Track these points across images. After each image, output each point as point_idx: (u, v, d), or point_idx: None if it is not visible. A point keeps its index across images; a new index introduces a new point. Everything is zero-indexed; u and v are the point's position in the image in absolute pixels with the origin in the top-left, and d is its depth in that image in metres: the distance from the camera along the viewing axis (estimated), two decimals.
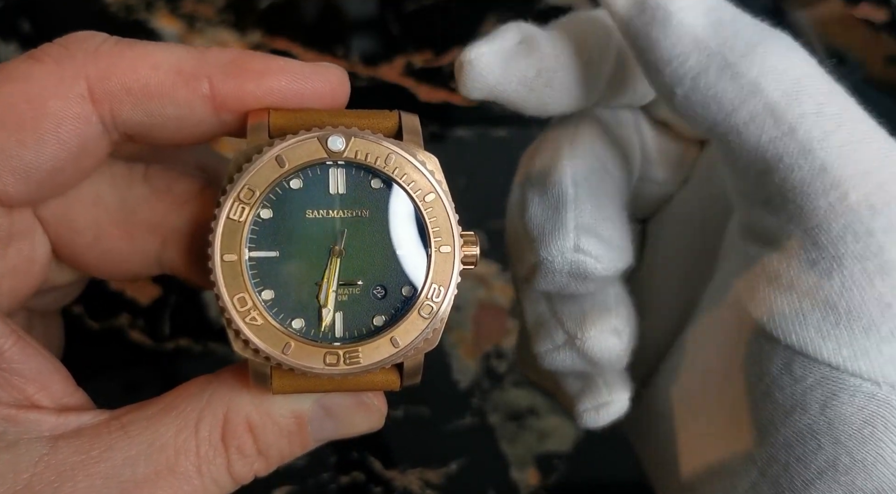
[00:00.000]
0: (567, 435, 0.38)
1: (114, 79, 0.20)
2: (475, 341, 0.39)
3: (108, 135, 0.21)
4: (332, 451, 0.37)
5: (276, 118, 0.21)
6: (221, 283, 0.20)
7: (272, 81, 0.21)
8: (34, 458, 0.20)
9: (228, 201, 0.20)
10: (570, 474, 0.37)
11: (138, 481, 0.20)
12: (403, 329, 0.21)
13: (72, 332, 0.36)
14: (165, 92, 0.21)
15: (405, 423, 0.37)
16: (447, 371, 0.39)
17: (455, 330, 0.39)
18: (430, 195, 0.21)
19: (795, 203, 0.19)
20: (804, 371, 0.19)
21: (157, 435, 0.21)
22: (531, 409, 0.38)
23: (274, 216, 0.21)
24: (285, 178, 0.21)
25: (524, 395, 0.38)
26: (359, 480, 0.36)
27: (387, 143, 0.21)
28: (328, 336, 0.21)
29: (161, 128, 0.21)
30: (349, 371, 0.20)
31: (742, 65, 0.20)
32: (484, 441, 0.37)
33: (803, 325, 0.19)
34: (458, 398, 0.38)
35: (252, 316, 0.20)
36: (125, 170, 0.23)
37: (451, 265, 0.21)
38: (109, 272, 0.24)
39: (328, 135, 0.21)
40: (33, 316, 0.26)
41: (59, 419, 0.21)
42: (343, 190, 0.21)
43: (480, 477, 0.37)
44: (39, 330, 0.26)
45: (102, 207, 0.23)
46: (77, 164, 0.21)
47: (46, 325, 0.27)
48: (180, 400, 0.21)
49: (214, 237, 0.20)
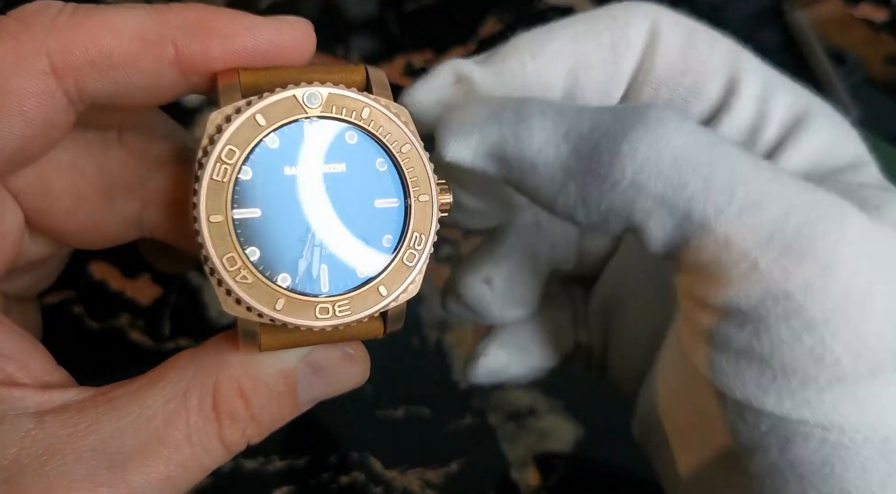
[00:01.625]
0: (567, 435, 0.38)
1: (75, 52, 0.20)
2: (475, 341, 0.39)
3: (74, 106, 0.21)
4: (332, 451, 0.37)
5: (246, 77, 0.21)
6: (209, 244, 0.20)
7: (239, 42, 0.21)
8: (20, 433, 0.20)
9: (210, 162, 0.20)
10: (570, 474, 0.37)
11: (127, 452, 0.20)
12: (389, 278, 0.21)
13: (72, 332, 0.36)
14: (130, 61, 0.20)
15: (405, 423, 0.37)
16: (447, 371, 0.39)
17: (455, 330, 0.39)
18: (406, 146, 0.22)
19: (710, 277, 0.19)
20: (756, 419, 0.19)
21: (145, 407, 0.21)
22: (531, 409, 0.38)
23: (253, 175, 0.21)
24: (263, 136, 0.21)
25: (524, 395, 0.38)
26: (359, 480, 0.36)
27: (361, 97, 0.21)
28: (315, 289, 0.21)
29: (129, 96, 0.21)
30: (340, 322, 0.21)
31: (614, 173, 0.20)
32: (484, 441, 0.37)
33: (743, 382, 0.19)
34: (458, 398, 0.38)
35: (242, 274, 0.20)
36: (98, 136, 0.23)
37: (430, 213, 0.22)
38: (88, 239, 0.24)
39: (305, 92, 0.21)
40: (9, 302, 0.26)
41: (43, 395, 0.21)
42: (320, 145, 0.21)
43: (480, 477, 0.37)
44: (16, 317, 0.26)
45: (79, 172, 0.23)
46: (44, 138, 0.21)
47: (23, 312, 0.27)
48: (168, 372, 0.21)
49: (199, 199, 0.20)
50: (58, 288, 0.36)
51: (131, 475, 0.20)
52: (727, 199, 0.19)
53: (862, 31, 0.46)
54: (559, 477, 0.37)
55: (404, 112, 0.22)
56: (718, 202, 0.19)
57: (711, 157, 0.20)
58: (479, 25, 0.45)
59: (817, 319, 0.18)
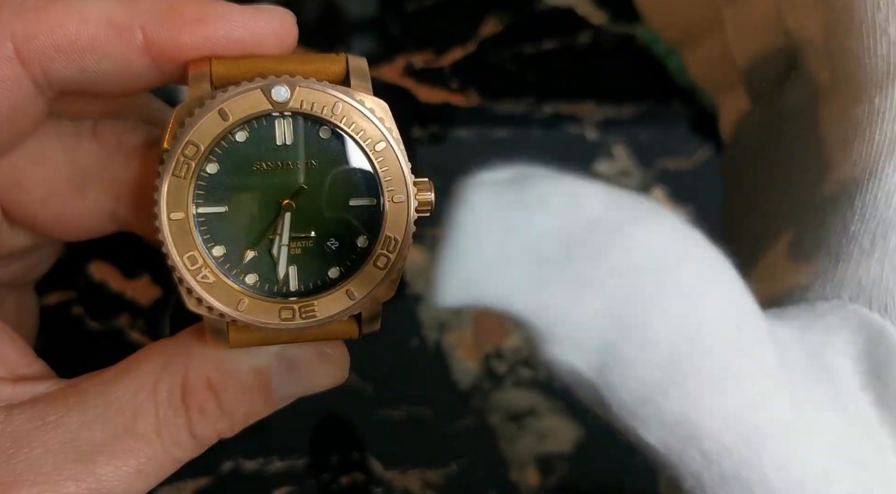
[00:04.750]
0: (567, 436, 0.38)
1: (41, 36, 0.20)
2: (475, 341, 0.39)
3: (43, 94, 0.21)
4: (332, 451, 0.37)
5: (217, 67, 0.21)
6: (170, 242, 0.20)
7: (210, 29, 0.20)
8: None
9: (173, 158, 0.20)
10: (571, 474, 0.37)
11: (96, 445, 0.20)
12: (359, 280, 0.20)
13: (72, 333, 0.36)
14: (98, 46, 0.20)
15: (405, 424, 0.37)
16: (447, 371, 0.39)
17: (455, 330, 0.39)
18: (381, 144, 0.21)
19: (670, 465, 0.18)
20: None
21: (114, 398, 0.20)
22: (531, 410, 0.38)
23: (220, 170, 0.20)
24: (230, 131, 0.20)
25: (524, 396, 0.38)
26: (359, 480, 0.36)
27: (333, 91, 0.20)
28: (283, 290, 0.20)
29: (99, 83, 0.21)
30: (305, 325, 0.20)
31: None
32: (484, 441, 0.37)
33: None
34: (459, 398, 0.38)
35: (203, 274, 0.20)
36: (72, 127, 0.23)
37: (405, 214, 0.21)
38: (65, 231, 0.24)
39: (272, 86, 0.20)
40: (3, 290, 0.26)
41: (13, 388, 0.21)
42: (290, 141, 0.20)
43: (481, 478, 0.37)
44: (11, 305, 0.26)
45: (51, 165, 0.22)
46: (12, 127, 0.21)
47: (18, 299, 0.26)
48: (137, 363, 0.21)
49: (160, 195, 0.20)
50: (58, 288, 0.36)
51: (100, 468, 0.20)
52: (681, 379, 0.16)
53: None
54: (559, 478, 0.37)
55: (381, 106, 0.21)
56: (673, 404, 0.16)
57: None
58: (480, 25, 0.45)
59: (777, 488, 0.17)
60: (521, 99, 0.41)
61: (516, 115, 0.24)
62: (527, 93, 0.41)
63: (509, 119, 0.42)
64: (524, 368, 0.38)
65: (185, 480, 0.33)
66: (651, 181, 0.40)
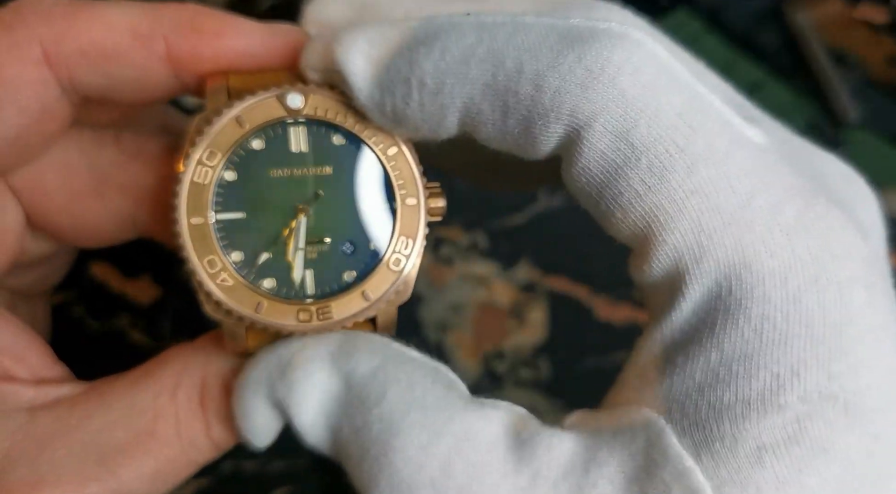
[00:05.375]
0: None
1: (68, 41, 0.20)
2: (475, 341, 0.39)
3: (68, 98, 0.21)
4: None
5: (234, 81, 0.21)
6: (189, 246, 0.20)
7: (229, 43, 0.21)
8: (12, 428, 0.20)
9: (191, 164, 0.20)
10: None
11: (117, 446, 0.20)
12: (374, 282, 0.21)
13: (72, 333, 0.36)
14: (121, 54, 0.21)
15: None
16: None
17: (455, 331, 0.39)
18: (392, 148, 0.21)
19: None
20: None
21: (136, 401, 0.21)
22: (531, 410, 0.38)
23: (238, 177, 0.21)
24: (246, 139, 0.21)
25: (524, 396, 0.38)
26: None
27: (345, 98, 0.21)
28: (300, 293, 0.21)
29: (120, 90, 0.21)
30: (322, 326, 0.21)
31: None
32: None
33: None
34: None
35: (223, 277, 0.20)
36: (94, 135, 0.23)
37: (417, 217, 0.21)
38: (85, 237, 0.24)
39: (286, 93, 0.21)
40: (16, 299, 0.26)
41: (37, 391, 0.21)
42: (305, 147, 0.21)
43: None
44: (23, 314, 0.26)
45: (73, 172, 0.23)
46: (40, 130, 0.21)
47: (31, 309, 0.27)
48: (158, 367, 0.22)
49: (179, 201, 0.20)
50: (59, 288, 0.36)
51: (121, 469, 0.20)
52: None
53: (862, 31, 0.46)
54: None
55: None
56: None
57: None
58: None
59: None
60: None
61: None
62: None
63: None
64: (524, 368, 0.38)
65: (186, 480, 0.33)
66: None
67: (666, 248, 0.19)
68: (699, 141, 0.18)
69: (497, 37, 0.18)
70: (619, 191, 0.19)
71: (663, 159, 0.18)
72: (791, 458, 0.17)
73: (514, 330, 0.39)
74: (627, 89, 0.18)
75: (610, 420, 0.20)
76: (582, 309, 0.39)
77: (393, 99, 0.19)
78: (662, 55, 0.19)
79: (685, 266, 0.19)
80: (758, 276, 0.18)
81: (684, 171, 0.18)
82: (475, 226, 0.40)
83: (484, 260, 0.40)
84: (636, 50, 0.18)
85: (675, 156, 0.18)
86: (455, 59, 0.19)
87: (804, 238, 0.18)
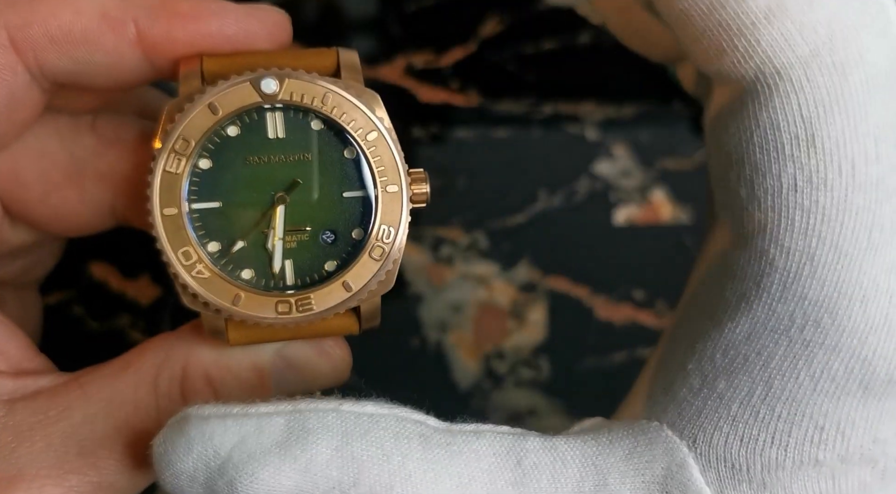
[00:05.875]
0: None
1: (35, 26, 0.20)
2: (475, 341, 0.39)
3: (38, 85, 0.21)
4: None
5: (209, 64, 0.21)
6: (164, 238, 0.20)
7: (203, 25, 0.20)
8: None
9: (164, 154, 0.20)
10: None
11: (98, 438, 0.20)
12: (355, 272, 0.20)
13: (72, 333, 0.36)
14: (90, 38, 0.20)
15: None
16: (447, 371, 0.38)
17: (455, 331, 0.39)
18: (372, 133, 0.20)
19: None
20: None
21: (116, 392, 0.20)
22: (531, 410, 0.38)
23: (213, 165, 0.20)
24: (221, 126, 0.20)
25: (524, 396, 0.38)
26: None
27: (323, 82, 0.20)
28: (279, 284, 0.20)
29: (91, 75, 0.21)
30: (302, 318, 0.20)
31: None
32: None
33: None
34: (459, 399, 0.38)
35: (198, 269, 0.20)
36: (71, 122, 0.23)
37: (399, 204, 0.20)
38: (64, 226, 0.24)
39: (261, 78, 0.20)
40: (5, 289, 0.26)
41: (16, 382, 0.21)
42: (282, 134, 0.20)
43: None
44: (13, 305, 0.26)
45: (49, 160, 0.22)
46: (10, 117, 0.21)
47: (21, 300, 0.26)
48: (138, 357, 0.21)
49: (152, 191, 0.20)
50: (58, 288, 0.36)
51: (101, 461, 0.20)
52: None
53: None
54: None
55: (374, 96, 0.21)
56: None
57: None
58: (479, 25, 0.45)
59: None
60: (522, 99, 0.41)
61: (516, 115, 0.24)
62: (527, 93, 0.41)
63: (509, 119, 0.42)
64: (524, 368, 0.38)
65: None
66: (651, 181, 0.40)
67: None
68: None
69: None
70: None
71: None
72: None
73: (514, 330, 0.39)
74: None
75: (625, 437, 0.19)
76: (582, 309, 0.39)
77: None
78: None
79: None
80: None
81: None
82: (475, 226, 0.40)
83: (484, 260, 0.40)
84: None
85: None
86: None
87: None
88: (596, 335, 0.39)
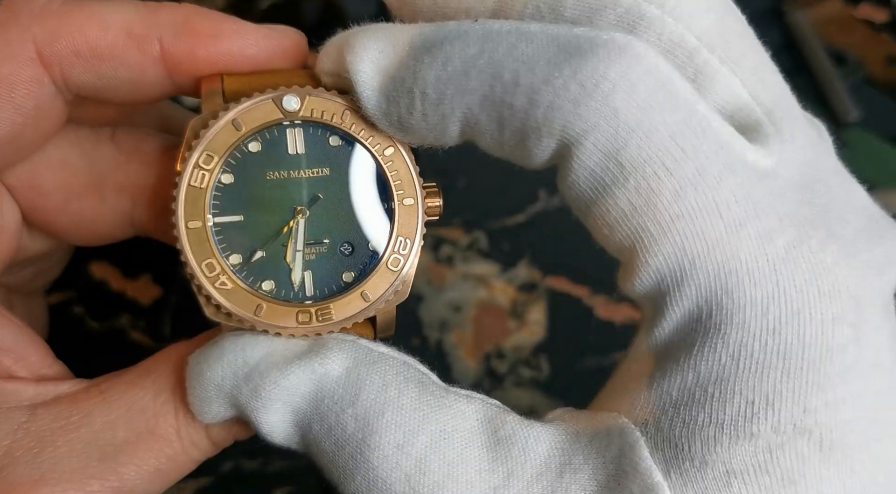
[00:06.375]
0: None
1: (62, 41, 0.20)
2: (475, 341, 0.39)
3: (62, 97, 0.21)
4: None
5: (229, 83, 0.21)
6: (188, 250, 0.20)
7: (225, 45, 0.21)
8: (13, 426, 0.20)
9: (188, 168, 0.20)
10: None
11: (118, 444, 0.20)
12: (373, 283, 0.21)
13: (72, 333, 0.36)
14: (116, 54, 0.20)
15: None
16: (447, 371, 0.39)
17: (455, 330, 0.39)
18: (389, 149, 0.21)
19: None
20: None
21: (136, 399, 0.21)
22: (531, 409, 0.38)
23: (235, 180, 0.21)
24: (243, 142, 0.21)
25: (525, 395, 0.38)
26: None
27: (342, 100, 0.21)
28: (299, 295, 0.21)
29: (115, 90, 0.21)
30: (322, 327, 0.21)
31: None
32: None
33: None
34: None
35: (222, 280, 0.20)
36: (91, 133, 0.23)
37: (415, 217, 0.21)
38: (83, 236, 0.24)
39: (282, 95, 0.21)
40: (13, 296, 0.26)
41: (37, 388, 0.21)
42: (302, 149, 0.21)
43: None
44: (21, 311, 0.26)
45: (70, 170, 0.23)
46: (35, 128, 0.21)
47: (28, 306, 0.27)
48: (158, 364, 0.22)
49: (177, 205, 0.20)
50: (58, 288, 0.36)
51: (122, 467, 0.20)
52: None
53: (862, 31, 0.46)
54: None
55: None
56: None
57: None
58: None
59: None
60: None
61: None
62: None
63: None
64: (524, 368, 0.38)
65: (187, 480, 0.33)
66: None
67: (649, 269, 0.19)
68: (689, 164, 0.18)
69: (499, 47, 0.18)
70: (606, 208, 0.19)
71: (651, 181, 0.18)
72: (759, 487, 0.17)
73: (514, 329, 0.39)
74: (620, 108, 0.18)
75: (590, 423, 0.20)
76: (582, 309, 0.39)
77: (398, 109, 0.19)
78: (663, 70, 0.18)
79: (667, 287, 0.19)
80: (738, 303, 0.18)
81: (671, 195, 0.18)
82: (475, 226, 0.40)
83: (484, 260, 0.40)
84: (635, 65, 0.18)
85: (664, 179, 0.18)
86: (456, 69, 0.18)
87: (791, 270, 0.18)
88: (596, 335, 0.39)
